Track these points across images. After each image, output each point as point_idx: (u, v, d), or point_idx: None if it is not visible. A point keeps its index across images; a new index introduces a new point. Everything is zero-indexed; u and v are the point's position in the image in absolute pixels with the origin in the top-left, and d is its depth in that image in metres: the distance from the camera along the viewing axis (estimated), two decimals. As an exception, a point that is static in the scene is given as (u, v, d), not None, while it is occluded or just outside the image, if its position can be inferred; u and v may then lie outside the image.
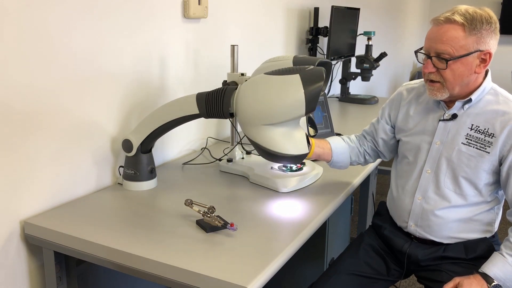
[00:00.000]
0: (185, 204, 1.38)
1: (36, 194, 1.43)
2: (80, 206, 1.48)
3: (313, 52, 3.12)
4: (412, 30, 5.73)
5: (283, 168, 1.72)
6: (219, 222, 1.30)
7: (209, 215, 1.32)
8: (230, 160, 1.82)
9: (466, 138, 1.44)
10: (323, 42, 3.20)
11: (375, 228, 1.69)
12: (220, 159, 1.90)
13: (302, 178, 1.65)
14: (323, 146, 1.62)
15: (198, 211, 1.34)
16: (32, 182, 1.41)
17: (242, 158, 1.86)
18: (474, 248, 1.48)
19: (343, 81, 3.38)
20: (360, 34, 3.43)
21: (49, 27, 1.38)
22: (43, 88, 1.39)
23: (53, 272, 1.39)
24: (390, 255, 1.62)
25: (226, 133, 2.33)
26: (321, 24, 3.13)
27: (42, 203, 1.45)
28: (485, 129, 1.42)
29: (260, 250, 1.22)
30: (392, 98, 1.66)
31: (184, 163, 1.91)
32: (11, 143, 1.34)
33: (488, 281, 1.34)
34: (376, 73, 3.68)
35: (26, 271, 1.44)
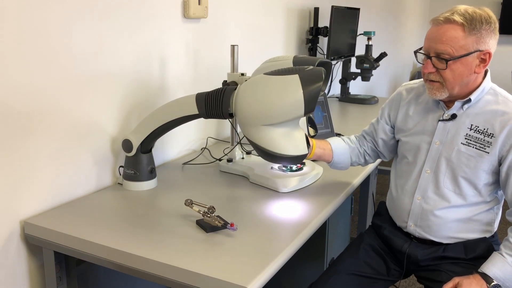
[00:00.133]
0: (185, 204, 1.38)
1: (36, 194, 1.43)
2: (80, 206, 1.48)
3: (313, 52, 3.12)
4: (412, 30, 5.73)
5: (283, 168, 1.72)
6: (219, 222, 1.30)
7: (209, 215, 1.32)
8: (230, 160, 1.82)
9: (466, 138, 1.44)
10: (323, 42, 3.20)
11: (375, 228, 1.69)
12: (220, 159, 1.90)
13: (302, 178, 1.66)
14: (324, 147, 1.62)
15: (198, 211, 1.34)
16: (32, 182, 1.41)
17: (242, 158, 1.86)
18: (474, 248, 1.48)
19: (343, 81, 3.38)
20: (360, 34, 3.43)
21: (49, 27, 1.38)
22: (43, 88, 1.40)
23: (53, 272, 1.39)
24: (390, 255, 1.62)
25: (226, 133, 2.33)
26: (321, 24, 3.13)
27: (42, 203, 1.45)
28: (484, 129, 1.42)
29: (260, 250, 1.22)
30: (391, 98, 1.66)
31: (184, 163, 1.91)
32: (11, 143, 1.34)
33: (487, 281, 1.34)
34: (376, 73, 3.68)
35: (26, 271, 1.44)
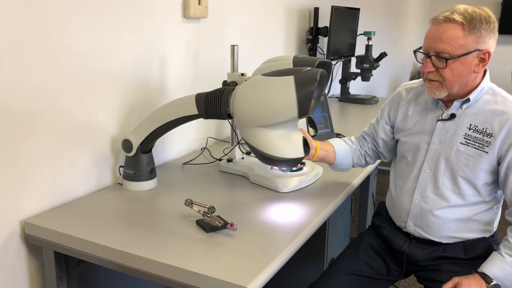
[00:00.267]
0: (185, 204, 1.38)
1: (36, 194, 1.43)
2: (80, 206, 1.48)
3: (313, 52, 3.12)
4: (412, 30, 5.73)
5: (283, 168, 1.72)
6: (219, 222, 1.30)
7: (209, 215, 1.32)
8: (230, 160, 1.82)
9: (465, 138, 1.44)
10: (323, 42, 3.20)
11: (375, 228, 1.69)
12: (220, 159, 1.90)
13: (302, 178, 1.66)
14: (327, 149, 1.61)
15: (198, 211, 1.35)
16: (32, 182, 1.41)
17: (242, 158, 1.86)
18: (473, 248, 1.48)
19: (343, 81, 3.38)
20: (360, 34, 3.43)
21: (49, 27, 1.38)
22: (43, 88, 1.40)
23: (53, 272, 1.39)
24: (389, 255, 1.62)
25: (226, 133, 2.33)
26: (321, 24, 3.13)
27: (42, 203, 1.45)
28: (483, 129, 1.42)
29: (260, 250, 1.22)
30: (391, 98, 1.66)
31: (184, 163, 1.91)
32: (11, 143, 1.34)
33: (487, 281, 1.34)
34: (376, 73, 3.68)
35: (26, 271, 1.44)
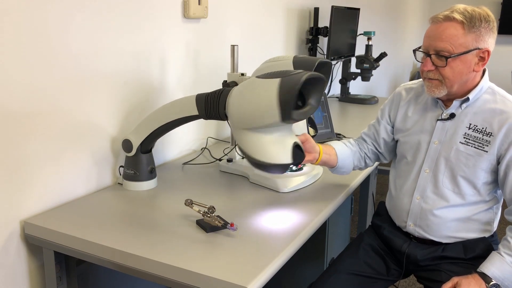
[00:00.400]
0: (185, 204, 1.38)
1: (36, 194, 1.43)
2: (80, 206, 1.48)
3: (313, 52, 3.12)
4: (412, 30, 5.73)
5: (271, 173, 1.69)
6: (219, 222, 1.30)
7: (209, 215, 1.32)
8: (230, 160, 1.82)
9: (464, 138, 1.44)
10: (323, 42, 3.20)
11: (375, 228, 1.69)
12: (220, 159, 1.90)
13: (302, 178, 1.66)
14: (329, 152, 1.59)
15: (198, 211, 1.35)
16: (32, 182, 1.41)
17: (242, 158, 1.86)
18: (473, 248, 1.48)
19: (343, 81, 3.39)
20: (360, 34, 3.43)
21: (48, 27, 1.38)
22: (43, 88, 1.40)
23: (53, 272, 1.39)
24: (389, 255, 1.62)
25: (226, 133, 2.33)
26: (321, 24, 3.13)
27: (42, 203, 1.45)
28: (483, 128, 1.42)
29: (260, 250, 1.22)
30: (391, 98, 1.66)
31: (184, 163, 1.91)
32: (11, 143, 1.34)
33: (486, 280, 1.34)
34: (376, 73, 3.68)
35: (26, 271, 1.44)
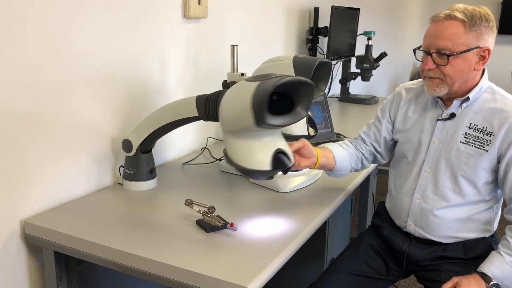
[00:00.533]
0: (185, 204, 1.38)
1: (36, 194, 1.43)
2: (80, 206, 1.48)
3: (313, 52, 3.12)
4: (412, 30, 5.73)
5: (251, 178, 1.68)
6: (219, 222, 1.30)
7: (209, 215, 1.32)
8: (230, 160, 1.82)
9: (465, 137, 1.44)
10: (323, 42, 3.20)
11: (375, 228, 1.69)
12: (220, 159, 1.90)
13: (302, 178, 1.65)
14: (327, 155, 1.56)
15: (198, 211, 1.35)
16: (32, 182, 1.41)
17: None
18: (473, 248, 1.48)
19: (343, 81, 3.39)
20: (360, 34, 3.43)
21: (49, 28, 1.38)
22: (43, 88, 1.40)
23: (53, 272, 1.39)
24: (389, 255, 1.62)
25: (226, 133, 2.33)
26: (321, 24, 3.13)
27: (42, 203, 1.45)
28: (483, 127, 1.42)
29: (260, 250, 1.22)
30: (391, 98, 1.65)
31: (184, 163, 1.91)
32: (11, 143, 1.34)
33: (486, 280, 1.34)
34: (376, 73, 3.68)
35: (26, 271, 1.44)
